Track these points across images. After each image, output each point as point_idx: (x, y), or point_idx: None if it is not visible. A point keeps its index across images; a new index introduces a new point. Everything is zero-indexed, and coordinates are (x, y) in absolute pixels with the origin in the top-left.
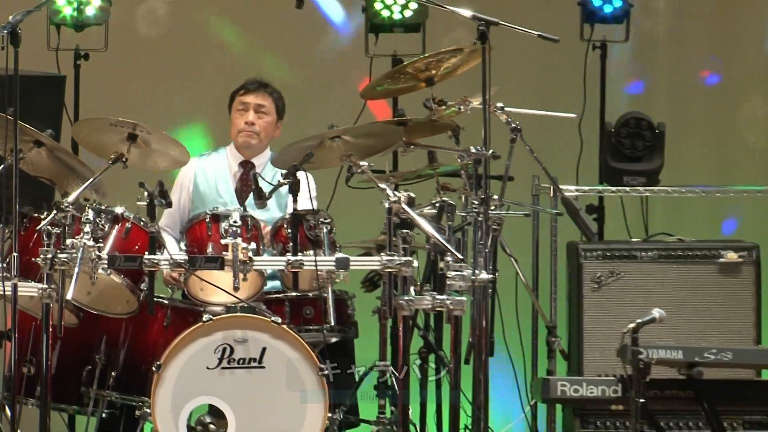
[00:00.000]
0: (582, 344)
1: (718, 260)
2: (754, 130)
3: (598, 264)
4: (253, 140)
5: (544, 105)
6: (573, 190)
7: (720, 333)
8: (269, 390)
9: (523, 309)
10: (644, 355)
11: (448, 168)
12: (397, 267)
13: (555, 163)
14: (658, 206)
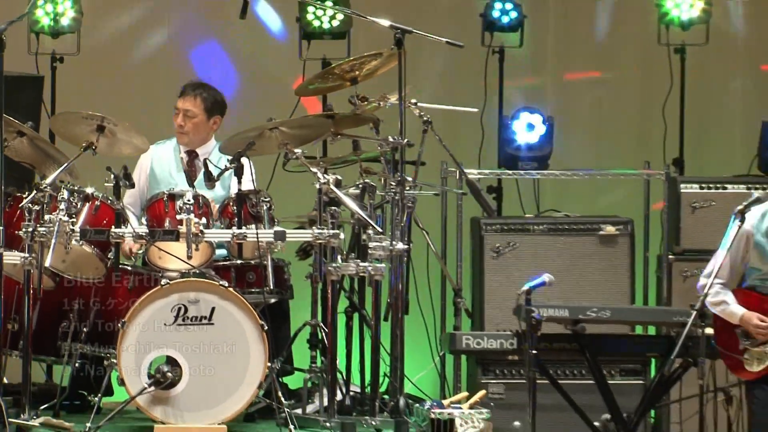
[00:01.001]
0: (483, 304)
1: (598, 233)
2: (628, 122)
3: (497, 236)
4: (184, 138)
5: (451, 101)
6: (476, 173)
7: (600, 294)
8: (218, 343)
9: (433, 274)
10: (536, 314)
11: (369, 154)
12: (326, 239)
13: (460, 150)
14: (547, 187)
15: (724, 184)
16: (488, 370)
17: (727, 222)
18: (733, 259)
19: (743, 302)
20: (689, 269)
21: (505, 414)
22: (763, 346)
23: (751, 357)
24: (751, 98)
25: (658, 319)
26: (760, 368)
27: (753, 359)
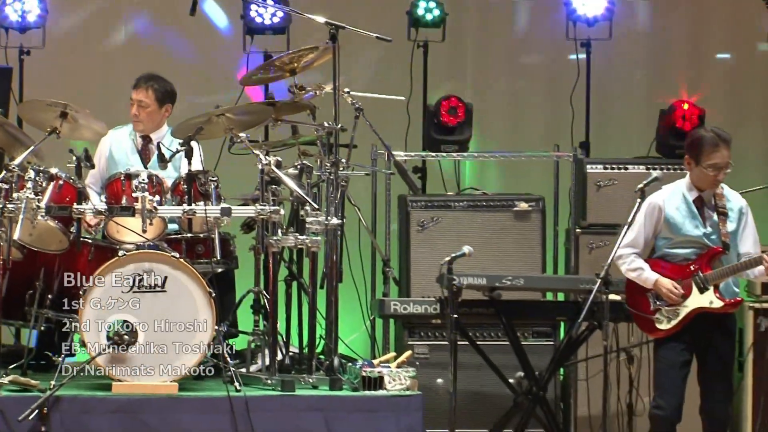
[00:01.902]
0: (410, 273)
1: (512, 209)
2: (539, 109)
3: (422, 212)
4: (139, 126)
5: (380, 90)
6: (402, 155)
7: (514, 264)
8: (170, 309)
9: (364, 246)
10: (457, 282)
11: (307, 138)
12: (268, 214)
13: (388, 135)
14: (467, 168)
15: (625, 165)
16: (414, 333)
17: (628, 199)
18: (646, 232)
19: (656, 271)
20: (594, 242)
21: (429, 372)
22: (675, 306)
23: (662, 316)
24: (650, 88)
25: (567, 287)
26: (669, 326)
27: (664, 318)
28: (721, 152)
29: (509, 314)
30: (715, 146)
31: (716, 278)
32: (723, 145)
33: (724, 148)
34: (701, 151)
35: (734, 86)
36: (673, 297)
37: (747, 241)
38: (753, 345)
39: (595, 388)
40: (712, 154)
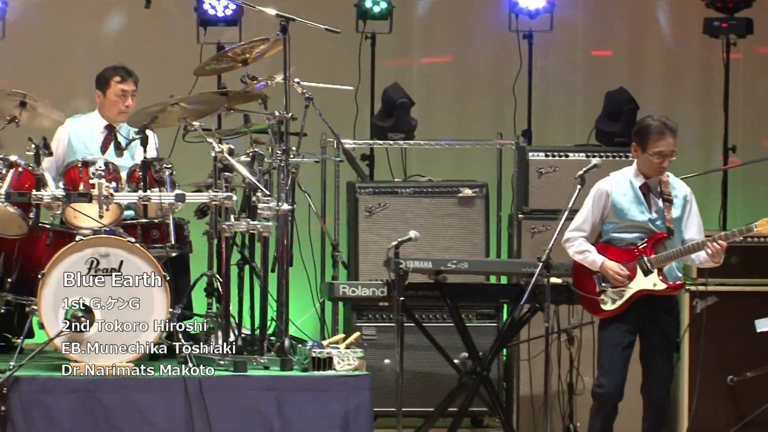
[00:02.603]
0: (358, 257)
1: (457, 195)
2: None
3: (370, 198)
4: (125, 117)
5: (330, 80)
6: (351, 143)
7: (459, 249)
8: (126, 292)
9: (314, 231)
10: (403, 265)
11: (258, 127)
12: (221, 200)
13: (337, 123)
14: (413, 155)
15: (566, 153)
16: (362, 315)
17: (568, 185)
18: (594, 216)
19: (602, 254)
20: (536, 226)
21: (376, 353)
22: (620, 288)
23: (607, 298)
24: (589, 77)
25: (510, 270)
26: (614, 307)
27: (608, 299)
28: (667, 140)
29: (454, 297)
30: (661, 134)
31: (660, 262)
32: (669, 133)
33: (670, 136)
34: (648, 138)
35: (672, 74)
36: (619, 279)
37: (691, 228)
38: (689, 327)
39: (536, 368)
40: (658, 141)
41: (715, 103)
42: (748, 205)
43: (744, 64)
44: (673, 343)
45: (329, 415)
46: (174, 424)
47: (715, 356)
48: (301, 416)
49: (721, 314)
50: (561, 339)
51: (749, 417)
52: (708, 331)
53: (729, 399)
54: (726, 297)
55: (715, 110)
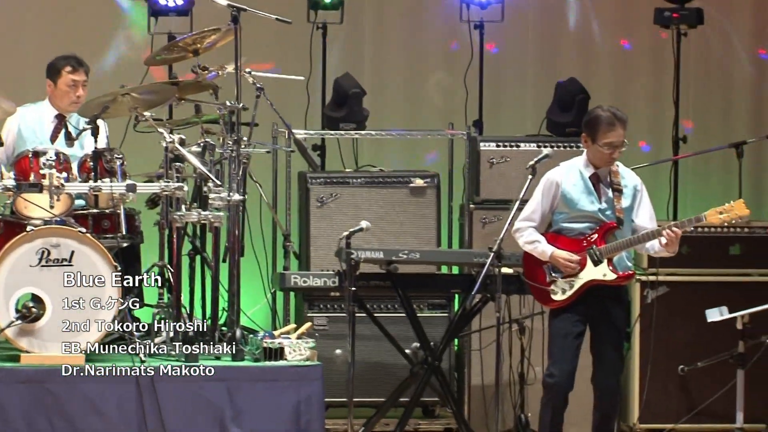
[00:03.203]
0: (309, 247)
1: (409, 185)
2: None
3: (321, 188)
4: (78, 106)
5: (281, 70)
6: (302, 134)
7: (410, 239)
8: (77, 282)
9: (265, 222)
10: (355, 255)
11: (209, 117)
12: (172, 190)
13: (289, 113)
14: (365, 145)
15: (517, 143)
16: (313, 305)
17: (520, 175)
18: (543, 206)
19: (552, 244)
20: (487, 217)
21: (328, 343)
22: (570, 278)
23: (557, 288)
24: (540, 68)
25: (461, 260)
26: (564, 297)
27: (558, 290)
28: (617, 131)
29: (405, 287)
30: (611, 125)
31: (610, 252)
32: (619, 124)
33: (619, 127)
34: (597, 129)
35: (623, 64)
36: (570, 266)
37: (643, 217)
38: (640, 317)
39: (488, 358)
40: (608, 132)
41: (666, 94)
42: (699, 196)
43: (694, 54)
44: (623, 333)
45: (281, 405)
46: (125, 415)
47: (666, 346)
48: (252, 406)
49: (672, 304)
50: (512, 329)
51: (700, 407)
52: (659, 321)
53: (680, 389)
54: (677, 287)
55: (666, 100)
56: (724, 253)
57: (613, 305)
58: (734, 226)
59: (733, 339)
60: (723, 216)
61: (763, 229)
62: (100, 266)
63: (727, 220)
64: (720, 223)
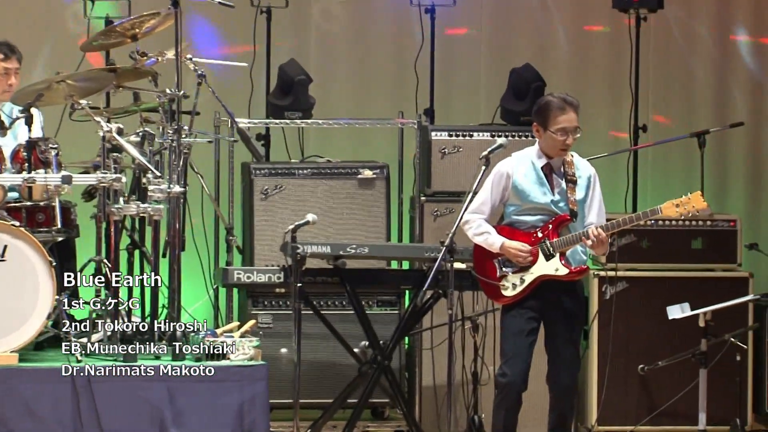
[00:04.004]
0: (253, 241)
1: (357, 177)
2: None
3: (266, 179)
4: (11, 95)
5: (223, 56)
6: (246, 122)
7: (359, 232)
8: (10, 278)
9: (207, 215)
10: (301, 250)
11: (149, 105)
12: (109, 182)
13: (231, 102)
14: (311, 134)
15: (470, 132)
16: (257, 302)
17: (472, 166)
18: (494, 198)
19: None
20: (439, 209)
21: (272, 342)
22: (521, 272)
23: (508, 283)
24: (494, 54)
25: (412, 255)
26: (515, 292)
27: (509, 285)
28: (569, 115)
29: (354, 283)
30: (562, 110)
31: (562, 245)
32: (570, 108)
33: (571, 111)
34: (548, 115)
35: (580, 50)
36: (521, 257)
37: (591, 212)
38: (598, 313)
39: (440, 356)
40: (559, 117)
41: (625, 80)
42: (659, 188)
43: (654, 39)
44: (579, 330)
45: (223, 406)
46: (60, 417)
47: (626, 344)
48: (193, 408)
49: (632, 300)
50: (465, 327)
51: (661, 408)
52: (618, 318)
53: (640, 389)
54: (636, 282)
55: (626, 88)
56: (686, 247)
57: (568, 301)
58: (697, 219)
59: (695, 337)
60: (679, 209)
61: (726, 222)
62: (35, 261)
63: (684, 213)
64: (677, 217)
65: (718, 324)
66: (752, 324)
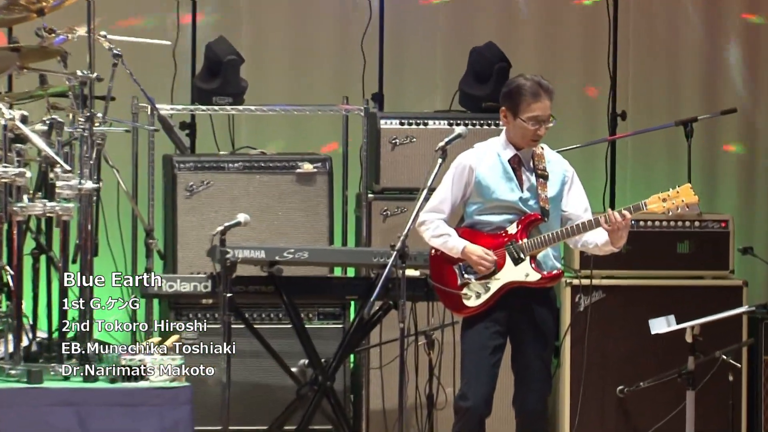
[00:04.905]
0: (176, 245)
1: (295, 171)
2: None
3: (191, 174)
4: None
5: (143, 34)
6: (168, 109)
7: (298, 235)
8: None
9: (124, 214)
10: (231, 255)
11: (57, 89)
12: (11, 177)
13: (152, 85)
14: (243, 123)
15: (425, 120)
16: (181, 315)
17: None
18: (454, 195)
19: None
20: (389, 208)
21: (199, 360)
22: (485, 279)
23: (470, 291)
24: (452, 31)
25: (358, 261)
26: (479, 302)
27: (472, 293)
28: (543, 103)
29: (292, 293)
30: (536, 96)
31: (533, 248)
32: (545, 95)
33: (546, 98)
34: (520, 100)
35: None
36: (484, 265)
37: (576, 207)
38: (570, 327)
39: (389, 377)
40: (533, 104)
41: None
42: (640, 184)
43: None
44: (552, 346)
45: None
46: None
47: (602, 363)
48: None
49: (609, 312)
50: (419, 342)
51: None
52: (593, 332)
53: (618, 413)
54: (614, 292)
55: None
56: (672, 251)
57: (540, 312)
58: (683, 220)
59: (681, 355)
60: (667, 204)
61: (717, 222)
62: None
63: (672, 208)
64: (664, 212)
65: (707, 339)
66: (746, 339)
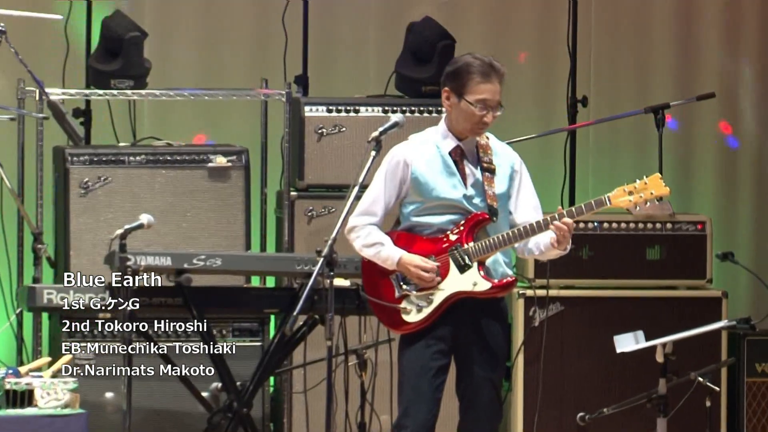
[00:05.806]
0: (69, 251)
1: (206, 165)
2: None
3: (86, 169)
4: None
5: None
6: (59, 94)
7: (210, 239)
8: None
9: (8, 215)
10: (132, 262)
11: None
12: None
13: (40, 67)
14: (146, 110)
15: (356, 107)
16: (75, 331)
17: (359, 151)
18: (388, 195)
19: (402, 247)
20: (315, 208)
21: (95, 383)
22: (427, 290)
23: (410, 305)
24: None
25: (279, 269)
26: (420, 317)
27: (412, 307)
28: (493, 85)
29: (202, 305)
30: (485, 77)
31: (480, 253)
32: (495, 77)
33: (496, 80)
34: (467, 80)
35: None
36: (425, 278)
37: (525, 207)
38: (524, 345)
39: (315, 402)
40: (481, 86)
41: (560, 40)
42: (604, 178)
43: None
44: (502, 367)
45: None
46: None
47: (560, 386)
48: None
49: (568, 328)
50: (349, 363)
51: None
52: (550, 351)
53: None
54: (574, 304)
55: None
56: (640, 257)
57: (489, 328)
58: (653, 221)
59: (651, 376)
60: (634, 197)
61: (692, 224)
62: None
63: (641, 202)
64: (631, 208)
65: (681, 359)
66: (726, 359)
